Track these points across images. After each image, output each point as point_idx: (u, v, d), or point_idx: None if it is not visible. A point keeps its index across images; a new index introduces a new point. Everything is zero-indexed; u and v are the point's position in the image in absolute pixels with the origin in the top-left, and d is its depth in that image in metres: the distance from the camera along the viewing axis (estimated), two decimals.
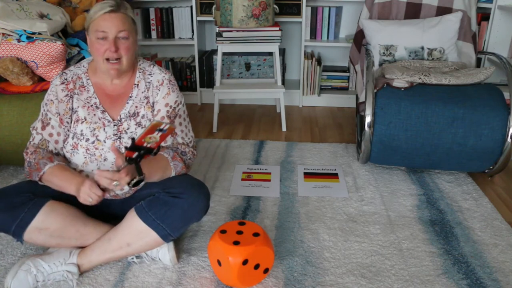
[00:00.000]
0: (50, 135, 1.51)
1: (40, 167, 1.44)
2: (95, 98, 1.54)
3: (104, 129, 1.51)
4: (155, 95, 1.55)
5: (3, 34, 2.06)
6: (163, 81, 1.56)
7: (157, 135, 1.29)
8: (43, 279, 1.41)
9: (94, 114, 1.52)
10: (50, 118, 1.51)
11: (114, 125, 1.52)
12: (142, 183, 1.41)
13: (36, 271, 1.40)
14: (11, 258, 1.58)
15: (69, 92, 1.52)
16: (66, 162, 1.51)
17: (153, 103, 1.55)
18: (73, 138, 1.52)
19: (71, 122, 1.53)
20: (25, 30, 2.07)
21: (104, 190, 1.37)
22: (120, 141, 1.51)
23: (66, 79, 1.54)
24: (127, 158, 1.31)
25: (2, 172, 2.20)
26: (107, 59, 1.45)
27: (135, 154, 1.31)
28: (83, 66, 1.58)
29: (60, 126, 1.52)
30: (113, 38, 1.43)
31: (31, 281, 1.39)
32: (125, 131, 1.52)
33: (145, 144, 1.29)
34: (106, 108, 1.54)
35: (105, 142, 1.50)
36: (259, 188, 2.07)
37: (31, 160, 1.47)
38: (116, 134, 1.51)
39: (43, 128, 1.52)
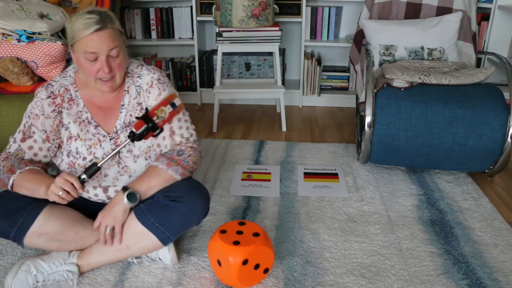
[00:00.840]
0: (30, 147, 1.44)
1: (5, 182, 1.38)
2: (86, 112, 1.46)
3: (100, 145, 1.45)
4: (146, 99, 1.48)
5: (3, 34, 2.06)
6: (152, 82, 1.48)
7: (168, 110, 1.33)
8: (43, 279, 1.41)
9: (87, 131, 1.45)
10: (34, 132, 1.43)
11: (110, 139, 1.46)
12: (137, 199, 1.40)
13: (36, 272, 1.40)
14: (11, 258, 1.58)
15: (56, 107, 1.43)
16: (34, 165, 1.42)
17: (146, 108, 1.47)
18: (68, 156, 1.45)
19: (59, 138, 1.45)
20: (25, 30, 2.07)
21: (82, 183, 1.32)
22: (119, 156, 1.47)
23: (52, 92, 1.44)
24: (131, 133, 1.32)
25: None
26: (100, 78, 1.37)
27: (142, 128, 1.32)
28: (70, 76, 1.48)
29: (44, 142, 1.44)
30: (105, 58, 1.33)
31: (31, 282, 1.39)
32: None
33: (155, 118, 1.32)
34: (99, 122, 1.46)
35: (103, 158, 1.41)
36: (259, 188, 2.07)
37: (1, 168, 1.40)
38: (114, 149, 1.44)
39: (23, 140, 1.43)
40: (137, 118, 1.33)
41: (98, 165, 1.35)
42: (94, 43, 1.31)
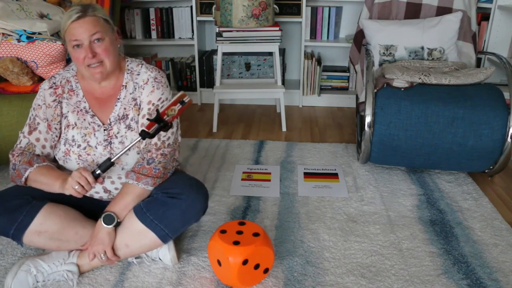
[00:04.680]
0: (37, 139, 1.48)
1: (21, 173, 1.42)
2: (85, 102, 1.50)
3: (94, 134, 1.48)
4: (140, 95, 1.50)
5: (3, 34, 2.06)
6: (148, 79, 1.50)
7: (177, 108, 1.36)
8: (43, 279, 1.41)
9: (84, 119, 1.49)
10: (38, 123, 1.48)
11: (104, 130, 1.49)
12: (115, 220, 1.41)
13: (36, 271, 1.40)
14: (11, 258, 1.58)
15: (57, 97, 1.49)
16: (51, 162, 1.49)
17: (140, 103, 1.50)
18: (65, 144, 1.49)
19: (60, 128, 1.50)
20: (25, 30, 2.07)
21: (96, 178, 1.36)
22: (111, 147, 1.48)
23: (54, 83, 1.50)
24: (143, 131, 1.35)
25: (2, 172, 2.19)
26: (89, 65, 1.41)
27: (153, 128, 1.35)
28: (72, 69, 1.53)
29: (48, 132, 1.49)
30: (88, 44, 1.37)
31: (31, 282, 1.39)
32: (115, 135, 1.49)
33: (165, 117, 1.36)
34: (96, 112, 1.50)
35: (96, 148, 1.48)
36: (259, 188, 2.07)
37: (16, 163, 1.44)
38: (106, 140, 1.48)
39: (29, 132, 1.48)
40: (148, 120, 1.36)
41: (112, 160, 1.37)
42: (76, 30, 1.37)
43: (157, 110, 1.35)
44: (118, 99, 1.50)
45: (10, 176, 1.47)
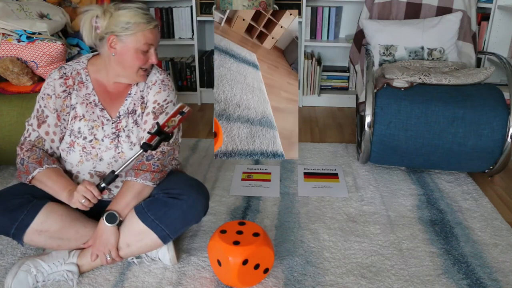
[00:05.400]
0: (46, 133, 1.49)
1: (29, 170, 1.43)
2: (94, 95, 1.52)
3: (102, 127, 1.50)
4: (147, 94, 1.54)
5: (3, 34, 2.06)
6: (156, 81, 1.55)
7: (176, 119, 1.40)
8: (43, 279, 1.41)
9: (93, 112, 1.51)
10: (47, 116, 1.48)
11: (112, 123, 1.51)
12: (117, 218, 1.42)
13: (36, 272, 1.40)
14: (11, 258, 1.58)
15: (67, 88, 1.50)
16: (59, 164, 1.49)
17: (146, 102, 1.54)
18: (70, 135, 1.50)
19: (69, 119, 1.51)
20: (25, 30, 2.07)
21: (101, 191, 1.38)
22: (118, 140, 1.50)
23: (65, 73, 1.51)
24: (144, 144, 1.37)
25: (2, 172, 2.20)
26: (141, 68, 1.48)
27: (154, 140, 1.37)
28: (82, 62, 1.55)
29: (57, 125, 1.49)
30: (155, 50, 1.48)
31: (31, 282, 1.39)
32: (123, 129, 1.51)
33: (165, 129, 1.38)
34: (105, 105, 1.52)
35: (103, 140, 1.49)
36: (259, 188, 2.07)
37: (25, 158, 1.44)
38: (114, 133, 1.50)
39: (39, 125, 1.48)
40: (149, 133, 1.38)
41: (116, 172, 1.38)
42: (154, 36, 1.46)
43: (157, 123, 1.37)
44: (129, 94, 1.54)
45: (18, 170, 1.47)
